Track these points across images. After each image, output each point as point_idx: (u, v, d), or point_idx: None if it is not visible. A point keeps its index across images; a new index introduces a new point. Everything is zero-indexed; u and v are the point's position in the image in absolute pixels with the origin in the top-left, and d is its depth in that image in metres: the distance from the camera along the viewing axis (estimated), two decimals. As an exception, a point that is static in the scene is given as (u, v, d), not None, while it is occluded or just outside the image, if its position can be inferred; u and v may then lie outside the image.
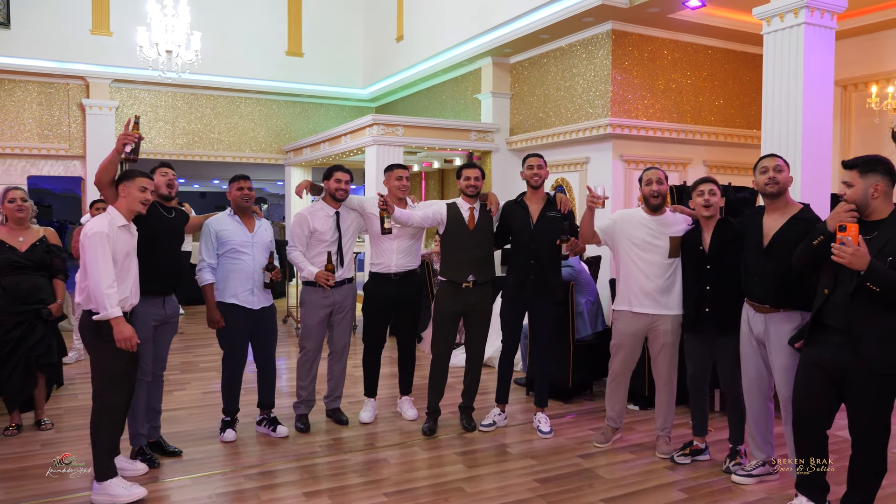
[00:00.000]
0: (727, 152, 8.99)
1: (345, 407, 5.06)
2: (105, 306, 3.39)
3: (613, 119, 8.00)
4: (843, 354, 3.07)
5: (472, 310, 4.62)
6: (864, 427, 3.09)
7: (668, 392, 4.22)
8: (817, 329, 3.20)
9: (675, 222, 4.11)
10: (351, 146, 9.99)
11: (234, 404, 4.52)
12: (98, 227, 3.45)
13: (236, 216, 4.40)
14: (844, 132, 8.88)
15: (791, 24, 5.76)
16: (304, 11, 13.02)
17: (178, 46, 8.31)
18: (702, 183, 3.96)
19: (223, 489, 3.74)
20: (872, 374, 3.01)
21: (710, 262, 3.89)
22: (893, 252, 2.93)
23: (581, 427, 4.84)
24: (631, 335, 4.22)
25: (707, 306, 3.90)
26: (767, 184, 3.60)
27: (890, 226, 3.01)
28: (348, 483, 3.83)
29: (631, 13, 7.69)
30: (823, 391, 3.18)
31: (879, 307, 2.96)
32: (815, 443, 3.27)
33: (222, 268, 4.34)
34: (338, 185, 4.65)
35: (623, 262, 4.23)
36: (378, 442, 4.53)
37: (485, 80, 10.04)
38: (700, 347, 4.02)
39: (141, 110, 12.10)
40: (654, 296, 4.09)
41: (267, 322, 4.51)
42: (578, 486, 3.77)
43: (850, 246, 2.85)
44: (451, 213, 4.61)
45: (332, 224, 4.63)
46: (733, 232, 3.84)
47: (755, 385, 3.76)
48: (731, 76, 8.94)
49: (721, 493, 3.71)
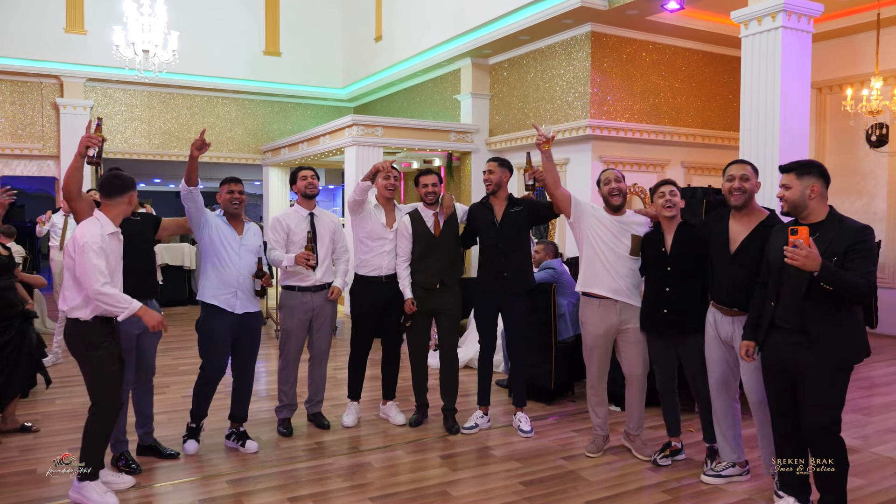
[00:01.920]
0: (705, 154, 9.09)
1: (327, 410, 5.03)
2: (122, 305, 3.39)
3: (592, 120, 8.05)
4: (801, 352, 3.14)
5: (441, 310, 4.74)
6: (817, 422, 3.15)
7: (640, 391, 4.23)
8: (771, 332, 3.28)
9: (637, 222, 4.15)
10: (330, 146, 9.94)
11: (203, 409, 4.35)
12: (91, 237, 3.37)
13: (224, 217, 4.33)
14: (819, 134, 9.03)
15: (768, 28, 5.85)
16: (282, 11, 12.95)
17: (155, 46, 8.20)
18: (662, 185, 4.01)
19: (206, 495, 3.70)
20: (829, 368, 3.10)
21: (671, 264, 3.93)
22: (837, 252, 3.04)
23: (563, 429, 4.86)
24: (602, 336, 4.19)
25: (666, 307, 3.94)
26: (733, 193, 3.62)
27: (829, 226, 3.12)
28: (332, 487, 3.81)
29: (610, 15, 7.75)
30: (789, 390, 3.26)
31: (831, 305, 3.06)
32: (793, 442, 3.32)
33: (206, 268, 4.26)
34: (306, 182, 4.62)
35: (589, 250, 4.20)
36: (361, 445, 4.51)
37: (464, 80, 10.05)
38: (665, 350, 4.06)
39: (116, 110, 11.94)
40: (622, 288, 4.11)
41: (250, 329, 4.36)
42: (563, 489, 3.78)
43: (803, 248, 2.92)
44: (415, 223, 4.69)
45: (306, 225, 4.60)
46: (694, 234, 3.91)
47: (722, 387, 3.80)
48: (709, 78, 9.04)
49: (703, 494, 3.74)
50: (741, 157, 5.92)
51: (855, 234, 3.06)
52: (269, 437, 4.61)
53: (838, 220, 3.16)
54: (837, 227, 3.12)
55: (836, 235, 3.09)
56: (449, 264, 4.75)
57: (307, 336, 4.75)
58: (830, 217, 3.17)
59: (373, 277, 4.73)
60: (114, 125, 11.92)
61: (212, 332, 4.25)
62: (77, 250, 3.38)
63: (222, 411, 4.60)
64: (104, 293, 3.35)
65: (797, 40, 5.86)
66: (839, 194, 8.65)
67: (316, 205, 4.74)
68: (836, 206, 8.47)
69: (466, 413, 4.95)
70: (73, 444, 4.00)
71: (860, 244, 3.04)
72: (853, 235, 3.06)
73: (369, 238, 4.73)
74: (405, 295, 4.66)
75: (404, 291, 4.67)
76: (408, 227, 4.67)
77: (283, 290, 4.72)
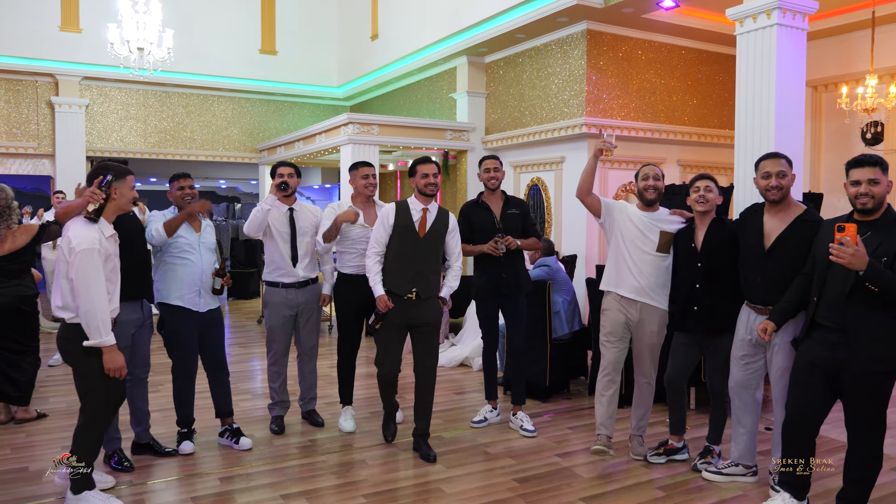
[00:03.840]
0: (701, 152, 9.08)
1: (322, 408, 5.02)
2: (100, 333, 3.26)
3: (588, 119, 8.04)
4: (839, 353, 3.08)
5: (415, 323, 4.16)
6: (862, 424, 3.11)
7: (648, 392, 4.20)
8: (812, 329, 3.22)
9: (669, 220, 4.08)
10: (326, 145, 9.92)
11: (188, 414, 4.32)
12: (88, 242, 3.24)
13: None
14: (815, 132, 9.02)
15: (763, 25, 5.83)
16: (278, 9, 12.92)
17: (150, 44, 8.17)
18: (698, 179, 3.93)
19: (198, 493, 3.69)
20: (869, 371, 3.04)
21: (702, 260, 3.85)
22: (888, 252, 2.95)
23: (559, 426, 4.85)
24: (623, 323, 4.10)
25: (696, 304, 3.88)
26: (769, 190, 3.54)
27: (883, 226, 3.03)
28: (326, 485, 3.80)
29: (605, 13, 7.73)
30: (819, 391, 3.19)
31: (875, 306, 2.98)
32: (805, 441, 3.29)
33: (167, 270, 4.16)
34: (280, 180, 4.54)
35: (617, 246, 4.13)
36: (356, 443, 4.50)
37: (460, 79, 10.03)
38: (687, 346, 3.98)
39: (111, 108, 11.91)
40: (644, 288, 4.03)
41: (215, 324, 4.31)
42: (557, 486, 3.77)
43: (850, 246, 2.84)
44: (400, 215, 4.14)
45: (286, 220, 4.57)
46: (727, 231, 3.83)
47: (743, 388, 3.75)
48: (704, 76, 9.04)
49: (697, 490, 3.74)
50: (736, 156, 5.92)
51: None
52: (262, 435, 4.59)
53: (894, 219, 3.07)
54: (891, 227, 3.03)
55: (889, 235, 3.00)
56: (427, 272, 4.17)
57: (293, 333, 4.73)
58: (886, 215, 3.08)
59: (355, 276, 4.61)
60: (109, 124, 11.89)
61: (180, 334, 4.19)
62: (72, 255, 3.23)
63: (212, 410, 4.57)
64: (93, 310, 3.23)
65: (792, 38, 5.84)
66: (835, 192, 8.64)
67: (296, 199, 4.69)
68: (832, 203, 8.53)
69: (460, 411, 4.94)
70: (66, 443, 3.97)
71: None
72: None
73: (349, 237, 4.66)
74: (375, 292, 4.11)
75: (374, 288, 4.12)
76: (390, 217, 4.12)
77: (266, 287, 4.69)
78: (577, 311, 5.74)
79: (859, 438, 3.14)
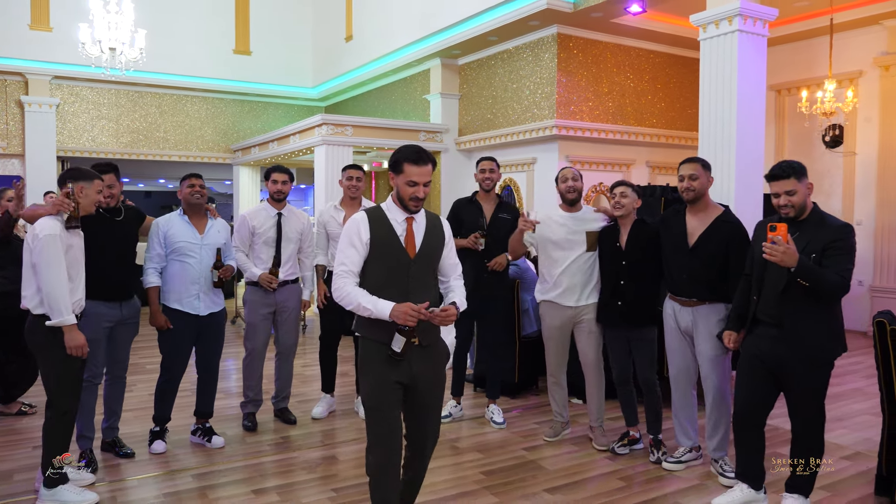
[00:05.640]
0: (669, 153, 9.28)
1: (294, 406, 5.08)
2: (61, 312, 3.33)
3: (559, 121, 8.19)
4: (779, 347, 3.25)
5: (415, 382, 2.87)
6: (803, 414, 3.29)
7: (597, 382, 4.38)
8: (754, 325, 3.39)
9: (594, 218, 4.30)
10: (300, 146, 9.96)
11: (166, 412, 4.33)
12: (50, 228, 3.34)
13: (186, 216, 4.26)
14: (779, 135, 9.27)
15: (725, 31, 6.01)
16: (252, 9, 12.92)
17: (122, 44, 8.15)
18: (616, 186, 4.20)
19: (170, 489, 3.74)
20: (806, 363, 3.21)
21: (626, 258, 4.10)
22: (815, 249, 3.14)
23: (526, 421, 4.98)
24: (558, 328, 4.37)
25: (620, 300, 4.10)
26: (684, 191, 3.84)
27: (810, 225, 3.23)
28: (297, 480, 3.87)
29: (575, 17, 7.89)
30: (763, 383, 3.36)
31: (808, 301, 3.15)
32: (754, 433, 3.45)
33: (167, 270, 4.20)
34: (275, 187, 4.65)
35: (545, 258, 4.37)
36: (327, 439, 4.58)
37: (433, 80, 10.13)
38: (618, 341, 4.22)
39: (83, 108, 11.82)
40: (577, 289, 4.26)
41: (214, 328, 4.34)
42: (522, 478, 3.89)
43: (781, 244, 3.01)
44: (376, 228, 2.83)
45: (273, 224, 4.65)
46: (649, 231, 4.08)
47: (683, 375, 3.98)
48: (672, 80, 9.24)
49: (657, 480, 3.88)
50: (700, 156, 6.08)
51: (834, 232, 3.17)
52: (235, 433, 4.65)
53: (820, 217, 3.25)
54: (818, 225, 3.21)
55: (817, 233, 3.18)
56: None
57: (272, 332, 4.79)
58: (813, 215, 3.26)
59: None
60: (80, 124, 11.80)
61: (175, 336, 4.22)
62: (35, 241, 3.34)
63: (188, 408, 4.63)
64: (54, 291, 3.31)
65: (753, 44, 6.03)
66: (798, 193, 8.89)
67: (286, 205, 4.77)
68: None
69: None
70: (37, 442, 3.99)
71: (839, 242, 3.14)
72: (833, 233, 3.16)
73: (333, 239, 4.83)
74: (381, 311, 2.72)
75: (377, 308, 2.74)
76: (361, 230, 2.81)
77: (247, 286, 4.75)
78: (545, 309, 5.86)
79: (801, 428, 3.31)
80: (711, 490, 3.70)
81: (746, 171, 5.88)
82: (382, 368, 2.82)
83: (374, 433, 2.83)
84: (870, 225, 8.39)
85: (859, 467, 4.03)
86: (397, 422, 2.85)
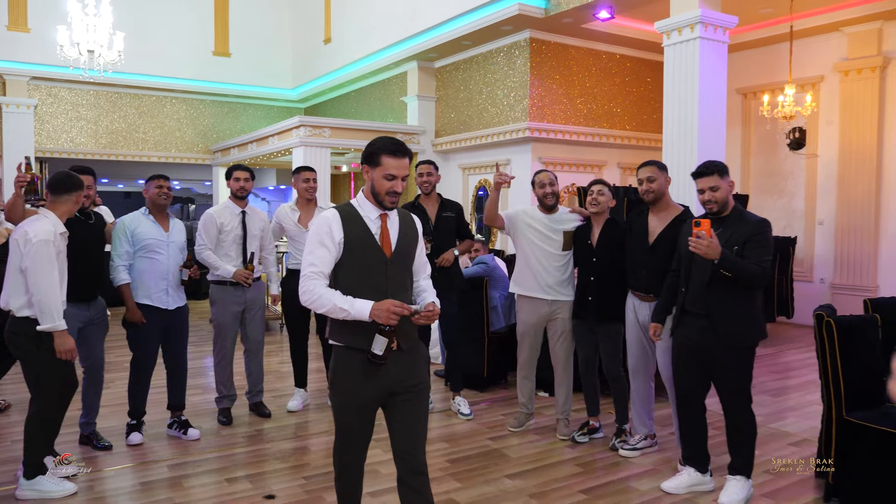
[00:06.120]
0: (640, 155, 9.49)
1: (270, 401, 5.23)
2: (53, 318, 3.43)
3: (532, 123, 8.39)
4: (706, 335, 3.48)
5: (398, 389, 2.68)
6: (730, 397, 3.51)
7: (566, 377, 4.58)
8: (683, 316, 3.62)
9: (569, 219, 4.50)
10: (279, 147, 10.09)
11: (141, 407, 4.47)
12: (44, 234, 3.42)
13: (151, 216, 4.42)
14: (745, 137, 9.54)
15: (688, 38, 6.25)
16: (231, 11, 13.02)
17: (101, 46, 8.23)
18: (593, 184, 4.40)
19: (146, 479, 3.88)
20: (731, 349, 3.44)
21: (596, 256, 4.31)
22: (738, 242, 3.40)
23: (494, 413, 5.16)
24: (533, 324, 4.57)
25: (591, 295, 4.31)
26: (644, 193, 4.04)
27: (733, 220, 3.48)
28: (269, 469, 4.03)
29: (547, 23, 8.09)
30: (697, 371, 3.59)
31: (732, 291, 3.40)
32: (695, 417, 3.67)
33: (136, 267, 4.34)
34: (238, 185, 4.80)
35: (522, 252, 4.56)
36: (300, 431, 4.73)
37: (411, 83, 10.30)
38: (586, 334, 4.44)
39: (61, 109, 11.86)
40: (553, 285, 4.45)
41: (180, 323, 4.52)
42: (485, 465, 4.07)
43: (705, 239, 3.26)
44: (350, 226, 2.65)
45: (239, 221, 4.80)
46: (619, 230, 4.29)
47: (641, 366, 4.19)
48: (642, 83, 9.48)
49: (612, 466, 4.08)
50: (664, 159, 6.31)
51: (753, 227, 3.43)
52: (210, 427, 4.79)
53: (740, 213, 3.52)
54: (739, 221, 3.48)
55: (738, 228, 3.44)
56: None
57: (240, 329, 4.94)
58: (734, 211, 3.52)
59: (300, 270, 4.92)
60: (59, 124, 11.85)
61: (145, 331, 4.36)
62: (28, 245, 3.41)
63: (164, 403, 4.75)
64: (47, 297, 3.41)
65: (714, 50, 6.27)
66: (763, 194, 9.18)
67: (248, 203, 4.92)
68: (760, 204, 9.04)
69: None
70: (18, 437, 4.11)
71: (757, 235, 3.40)
72: (752, 228, 3.43)
73: (291, 238, 5.04)
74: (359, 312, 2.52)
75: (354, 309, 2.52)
76: (333, 229, 2.62)
77: (212, 286, 4.86)
78: (513, 305, 6.04)
79: (731, 410, 3.53)
80: (664, 475, 3.90)
81: (707, 172, 6.09)
82: (358, 385, 2.62)
83: (341, 462, 2.73)
84: (831, 224, 8.68)
85: (804, 453, 4.25)
86: (365, 449, 2.76)
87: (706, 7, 6.14)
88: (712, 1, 6.24)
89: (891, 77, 8.06)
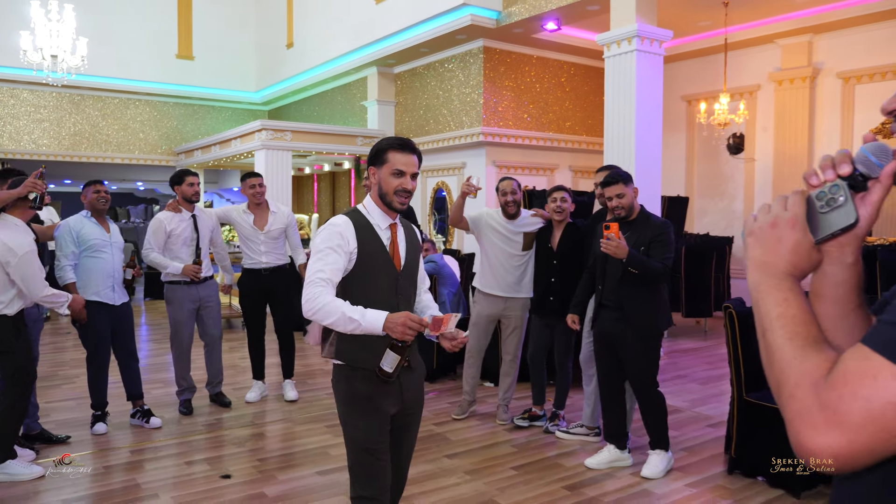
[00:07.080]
0: (590, 158, 9.95)
1: (230, 394, 5.51)
2: (59, 301, 4.03)
3: (485, 128, 8.76)
4: (619, 325, 3.89)
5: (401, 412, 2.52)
6: (640, 378, 3.91)
7: (511, 369, 4.94)
8: (599, 310, 4.04)
9: (531, 223, 4.80)
10: (241, 149, 10.32)
11: (102, 398, 4.71)
12: (28, 245, 3.83)
13: (93, 218, 4.65)
14: (690, 142, 10.03)
15: (626, 51, 6.67)
16: (195, 15, 13.19)
17: (64, 52, 8.39)
18: (555, 191, 4.70)
19: (110, 462, 4.15)
20: (640, 335, 3.86)
21: (557, 258, 4.65)
22: (643, 243, 3.82)
23: (441, 402, 5.51)
24: (486, 317, 4.89)
25: (551, 295, 4.66)
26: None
27: (638, 224, 3.88)
28: (227, 452, 4.32)
29: (499, 32, 8.48)
30: (613, 357, 4.00)
31: (640, 286, 3.82)
32: (614, 399, 4.07)
33: (83, 266, 4.57)
34: (192, 189, 5.06)
35: (485, 252, 4.88)
36: (257, 420, 5.03)
37: (370, 88, 10.61)
38: (542, 329, 4.78)
39: (23, 110, 11.93)
40: (510, 284, 4.79)
41: (127, 317, 4.79)
42: (427, 448, 4.41)
43: (614, 240, 3.66)
44: (364, 238, 2.44)
45: (190, 226, 5.05)
46: (578, 234, 4.65)
47: (589, 359, 4.52)
48: (590, 89, 9.91)
49: (544, 445, 4.46)
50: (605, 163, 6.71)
51: (656, 229, 3.85)
52: (172, 416, 5.06)
53: (646, 217, 3.93)
54: (644, 224, 3.89)
55: (643, 230, 3.85)
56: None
57: (197, 325, 5.21)
58: (640, 215, 3.94)
59: (255, 269, 5.32)
60: (20, 126, 11.91)
61: (94, 326, 4.60)
62: (13, 256, 3.75)
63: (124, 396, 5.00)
64: (48, 294, 3.90)
65: (649, 62, 6.71)
66: (705, 196, 9.69)
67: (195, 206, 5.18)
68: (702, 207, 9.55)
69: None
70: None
71: (660, 236, 3.82)
72: (655, 230, 3.85)
73: (245, 239, 5.33)
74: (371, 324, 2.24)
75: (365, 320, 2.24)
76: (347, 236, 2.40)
77: (166, 286, 5.10)
78: (462, 301, 6.41)
79: (642, 391, 3.93)
80: (589, 452, 4.29)
81: (645, 175, 6.54)
82: (377, 402, 2.40)
83: (369, 485, 2.39)
84: (767, 225, 9.18)
85: (718, 433, 4.67)
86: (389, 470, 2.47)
87: (643, 21, 6.57)
88: (649, 15, 6.67)
89: (820, 87, 8.61)
